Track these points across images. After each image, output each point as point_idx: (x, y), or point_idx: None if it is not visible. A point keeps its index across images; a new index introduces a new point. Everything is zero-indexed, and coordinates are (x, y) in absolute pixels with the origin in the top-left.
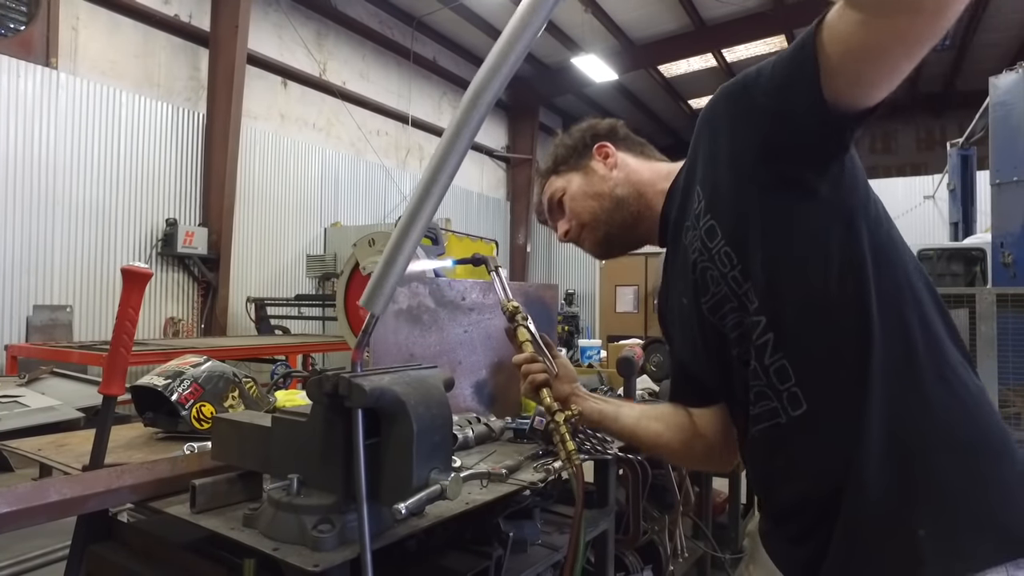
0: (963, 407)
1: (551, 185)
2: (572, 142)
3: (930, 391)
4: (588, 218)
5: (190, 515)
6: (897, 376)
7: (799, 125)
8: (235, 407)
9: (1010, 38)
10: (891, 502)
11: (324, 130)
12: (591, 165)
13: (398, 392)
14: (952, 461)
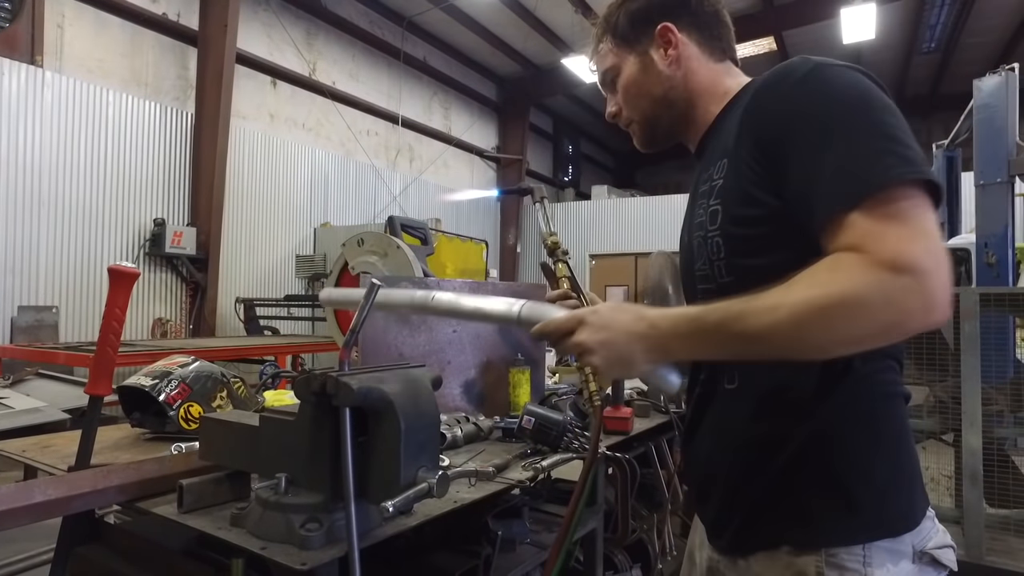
0: (892, 396)
1: (607, 55)
2: (638, 8)
3: (860, 392)
4: (638, 116)
5: (177, 515)
6: (847, 375)
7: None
8: (223, 407)
9: (993, 41)
10: (797, 477)
11: (314, 130)
12: (650, 53)
13: (385, 391)
14: (864, 448)
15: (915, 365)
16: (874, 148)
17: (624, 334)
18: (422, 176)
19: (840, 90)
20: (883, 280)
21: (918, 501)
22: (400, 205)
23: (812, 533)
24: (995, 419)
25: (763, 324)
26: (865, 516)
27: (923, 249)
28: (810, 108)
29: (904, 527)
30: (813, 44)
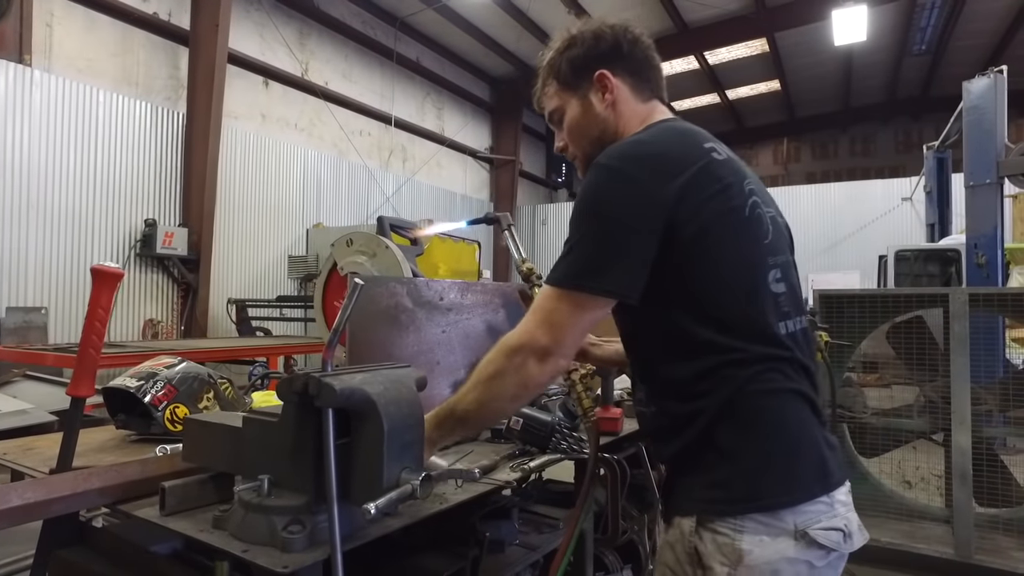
0: (764, 405)
1: (553, 96)
2: (580, 56)
3: (737, 406)
4: (580, 153)
5: (159, 518)
6: (710, 402)
7: None
8: (210, 408)
9: (983, 44)
10: (689, 464)
11: (306, 130)
12: (589, 97)
13: (368, 391)
14: (734, 438)
15: (906, 365)
16: (565, 250)
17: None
18: (415, 177)
19: (581, 193)
20: (513, 357)
21: (796, 484)
22: (393, 206)
23: (692, 501)
24: (984, 418)
25: (463, 407)
26: (732, 492)
27: (552, 337)
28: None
29: (776, 503)
30: (805, 46)
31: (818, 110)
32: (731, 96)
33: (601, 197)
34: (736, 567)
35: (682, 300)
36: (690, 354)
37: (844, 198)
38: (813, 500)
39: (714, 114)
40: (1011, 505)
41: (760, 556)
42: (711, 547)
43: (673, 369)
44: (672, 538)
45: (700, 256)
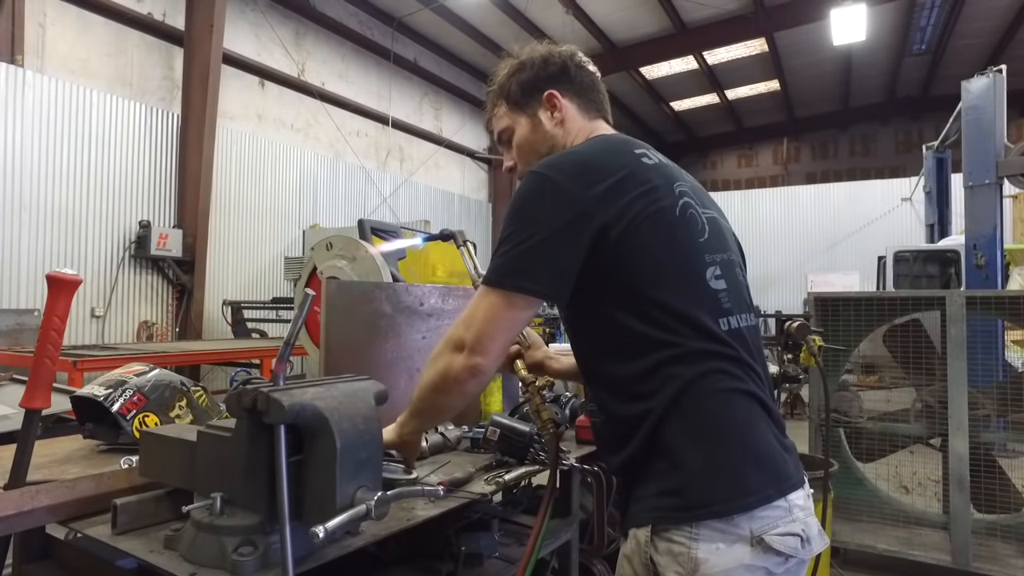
0: (710, 407)
1: (503, 116)
2: (528, 78)
3: (683, 408)
4: (526, 168)
5: (110, 537)
6: (651, 402)
7: None
8: (182, 418)
9: (982, 44)
10: (640, 473)
11: (302, 131)
12: (539, 115)
13: (320, 407)
14: (688, 448)
15: (902, 369)
16: (496, 251)
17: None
18: (412, 177)
19: (514, 197)
20: (452, 361)
21: (748, 488)
22: (390, 207)
23: (645, 511)
24: (982, 423)
25: (412, 407)
26: (682, 499)
27: (483, 337)
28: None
29: (729, 509)
30: (804, 45)
31: (817, 110)
32: (730, 96)
33: (529, 201)
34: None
35: (617, 298)
36: (631, 352)
37: (844, 198)
38: (768, 505)
39: (713, 114)
40: (1009, 511)
41: (716, 564)
42: (666, 557)
43: (615, 369)
44: (628, 550)
45: (631, 254)
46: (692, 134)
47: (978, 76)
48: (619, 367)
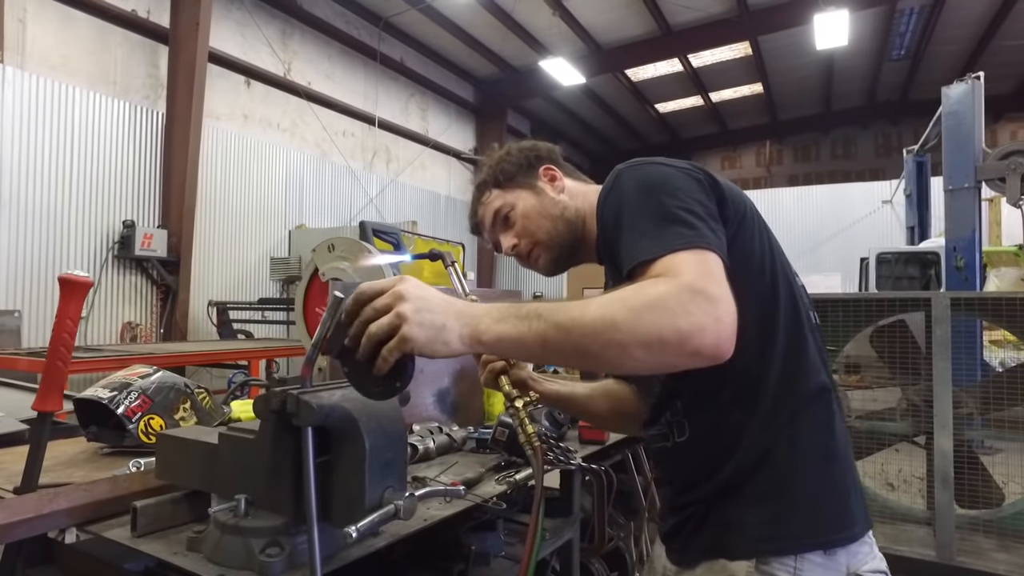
0: (820, 428)
1: (496, 198)
2: (517, 159)
3: (799, 422)
4: (544, 237)
5: (130, 539)
6: (774, 416)
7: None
8: (187, 419)
9: (959, 51)
10: (736, 496)
11: (289, 131)
12: (539, 185)
13: (349, 409)
14: (799, 469)
15: (888, 368)
16: (653, 227)
17: (439, 304)
18: (399, 178)
19: (628, 188)
20: (682, 292)
21: (852, 519)
22: (377, 207)
23: (744, 541)
24: (965, 421)
25: (574, 313)
26: (791, 526)
27: (714, 284)
28: (614, 209)
29: (834, 540)
30: (788, 49)
31: (800, 113)
32: (715, 99)
33: (667, 176)
34: None
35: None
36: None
37: (826, 200)
38: (861, 539)
39: (698, 116)
40: (991, 506)
41: None
42: None
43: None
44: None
45: (743, 243)
46: (676, 136)
47: (957, 82)
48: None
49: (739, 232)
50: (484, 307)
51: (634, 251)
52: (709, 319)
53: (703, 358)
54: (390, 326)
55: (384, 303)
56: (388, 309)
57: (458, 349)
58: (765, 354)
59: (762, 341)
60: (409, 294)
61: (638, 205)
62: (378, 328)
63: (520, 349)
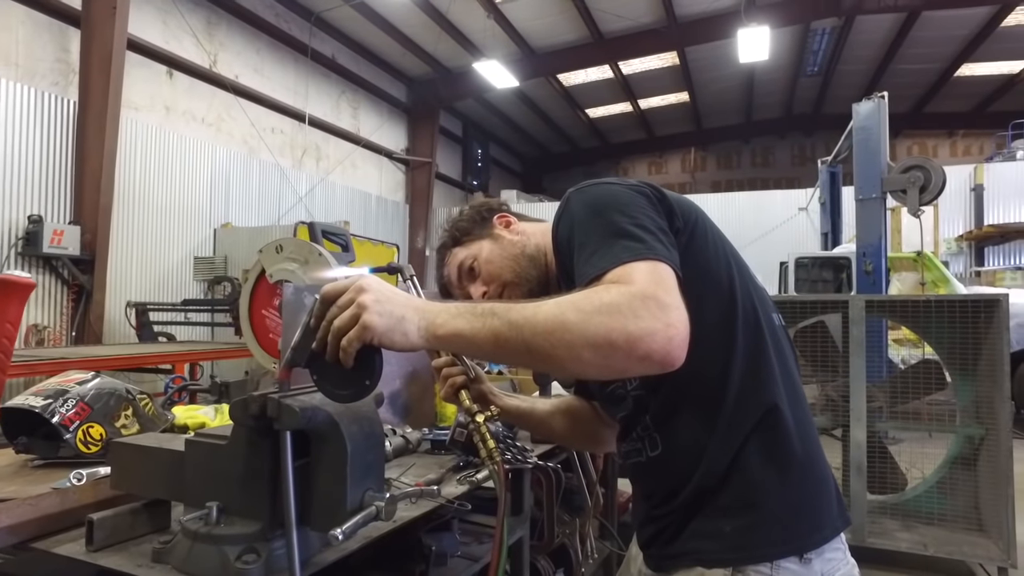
0: (789, 433)
1: (457, 255)
2: (470, 216)
3: (766, 428)
4: (511, 276)
5: (86, 554)
6: (739, 425)
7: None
8: (128, 428)
9: (864, 70)
10: (710, 506)
11: (214, 125)
12: (496, 232)
13: (330, 411)
14: (769, 477)
15: (809, 366)
16: (603, 244)
17: (400, 298)
18: (329, 177)
19: (578, 211)
20: (633, 298)
21: (826, 523)
22: (306, 206)
23: (721, 550)
24: (876, 414)
25: (527, 312)
26: (766, 534)
27: (664, 291)
28: (566, 232)
29: (812, 544)
30: (712, 61)
31: (723, 122)
32: (643, 105)
33: (615, 195)
34: None
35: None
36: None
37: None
38: (834, 542)
39: (626, 122)
40: (896, 491)
41: None
42: None
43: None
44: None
45: (696, 252)
46: (605, 140)
47: (866, 100)
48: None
49: (691, 242)
50: (441, 304)
51: (585, 268)
52: (659, 324)
53: (652, 364)
54: (351, 317)
55: (347, 298)
56: (351, 303)
57: (415, 342)
58: (727, 362)
59: (723, 349)
60: (369, 287)
61: (588, 225)
62: (340, 322)
63: (474, 345)
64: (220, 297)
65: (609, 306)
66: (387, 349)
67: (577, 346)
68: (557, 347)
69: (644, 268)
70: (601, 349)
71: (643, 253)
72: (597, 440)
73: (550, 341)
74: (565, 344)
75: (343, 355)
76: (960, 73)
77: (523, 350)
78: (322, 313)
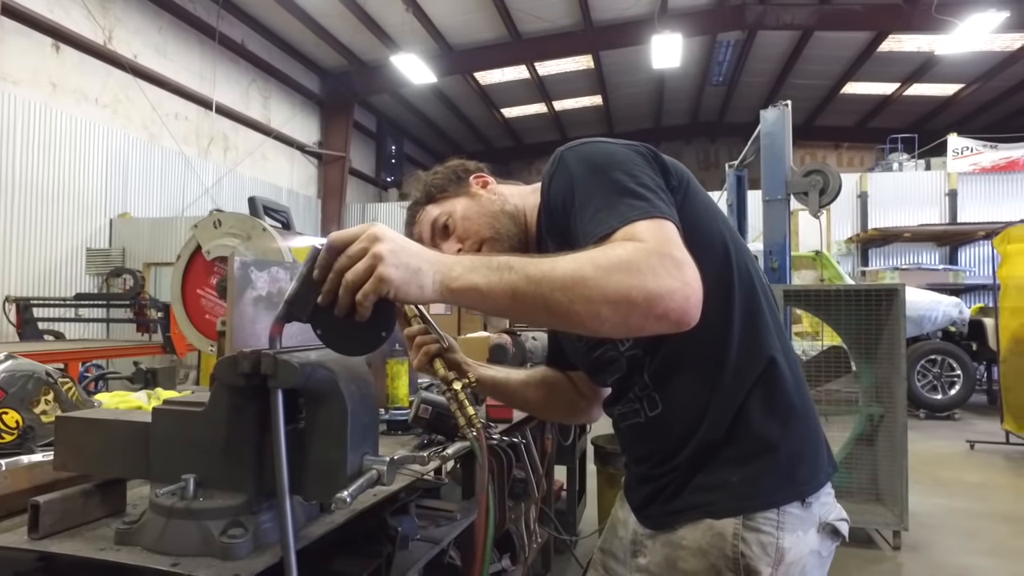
0: (787, 385)
1: (430, 212)
2: (446, 173)
3: (766, 382)
4: (490, 233)
5: (29, 542)
6: (741, 379)
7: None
8: (49, 414)
9: (764, 82)
10: (714, 460)
11: (110, 107)
12: (473, 191)
13: (328, 369)
14: (771, 427)
15: None
16: (607, 202)
17: (414, 248)
18: (238, 168)
19: (575, 168)
20: (651, 255)
21: (821, 469)
22: (213, 197)
23: (730, 500)
24: None
25: (545, 267)
26: (772, 482)
27: (677, 249)
28: (562, 190)
29: (811, 489)
30: (626, 66)
31: (634, 127)
32: (557, 107)
33: (612, 153)
34: (777, 567)
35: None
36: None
37: None
38: (826, 487)
39: (540, 123)
40: None
41: (796, 552)
42: (757, 548)
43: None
44: (700, 544)
45: (690, 211)
46: (520, 141)
47: (772, 107)
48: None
49: (686, 201)
50: (454, 257)
51: (591, 226)
52: (677, 283)
53: (669, 323)
54: (366, 269)
55: (359, 248)
56: (363, 253)
57: (429, 296)
58: (726, 320)
59: (721, 307)
60: (383, 235)
61: (588, 183)
62: (354, 275)
63: (489, 300)
64: (120, 291)
65: (628, 263)
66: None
67: (596, 302)
68: (576, 303)
69: (652, 227)
70: (620, 306)
71: (649, 212)
72: (573, 410)
73: (569, 297)
74: (584, 300)
75: (359, 309)
76: (845, 91)
77: (541, 306)
78: (329, 263)
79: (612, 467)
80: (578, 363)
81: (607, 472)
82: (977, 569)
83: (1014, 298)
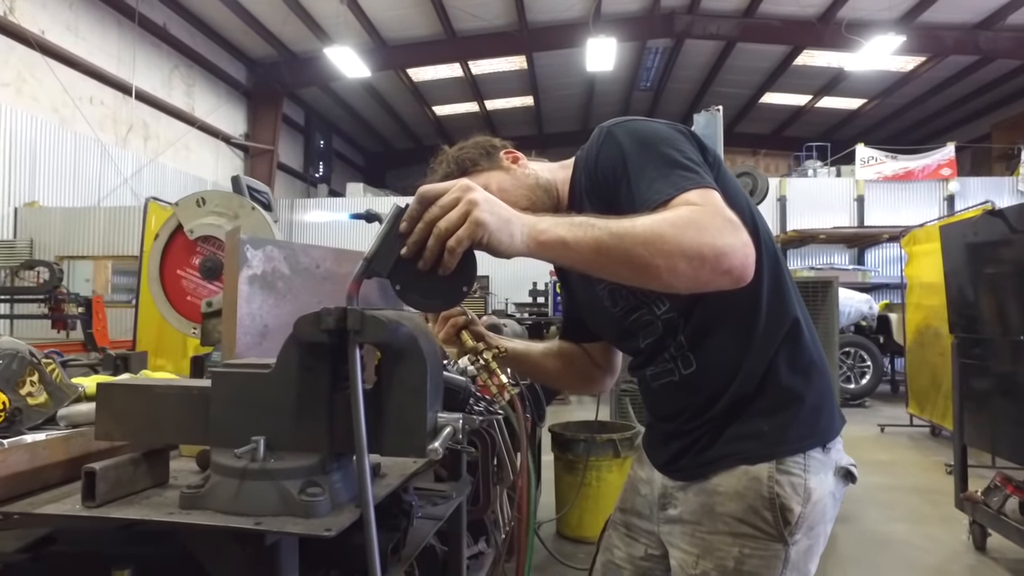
0: (808, 343)
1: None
2: (475, 147)
3: (790, 341)
4: (527, 205)
5: (86, 510)
6: (770, 337)
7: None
8: (35, 396)
9: (689, 89)
10: (747, 411)
11: (13, 86)
12: (505, 165)
13: (410, 327)
14: (796, 380)
15: None
16: (661, 172)
17: (501, 202)
18: (159, 159)
19: (626, 141)
20: (715, 216)
21: (836, 419)
22: (132, 188)
23: (764, 447)
24: None
25: (625, 224)
26: (799, 429)
27: (732, 214)
28: (612, 162)
29: (830, 436)
30: (558, 68)
31: (563, 128)
32: (489, 107)
33: (656, 130)
34: (806, 505)
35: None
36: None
37: None
38: (839, 437)
39: (471, 122)
40: None
41: (820, 492)
42: (789, 489)
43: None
44: (737, 488)
45: (724, 185)
46: (450, 139)
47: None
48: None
49: (719, 176)
50: (534, 215)
51: (648, 194)
52: (739, 242)
53: (731, 278)
54: (461, 215)
55: (452, 197)
56: (457, 202)
57: (518, 247)
58: (757, 283)
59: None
60: (476, 186)
61: (641, 155)
62: (447, 223)
63: (575, 253)
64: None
65: (697, 223)
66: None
67: (675, 256)
68: (656, 256)
69: (705, 195)
70: (693, 261)
71: (700, 182)
72: (590, 380)
73: (650, 251)
74: (664, 254)
75: (448, 257)
76: (764, 100)
77: (623, 259)
78: (420, 213)
79: (571, 453)
80: (604, 332)
81: (565, 459)
82: (898, 533)
83: (918, 294)
